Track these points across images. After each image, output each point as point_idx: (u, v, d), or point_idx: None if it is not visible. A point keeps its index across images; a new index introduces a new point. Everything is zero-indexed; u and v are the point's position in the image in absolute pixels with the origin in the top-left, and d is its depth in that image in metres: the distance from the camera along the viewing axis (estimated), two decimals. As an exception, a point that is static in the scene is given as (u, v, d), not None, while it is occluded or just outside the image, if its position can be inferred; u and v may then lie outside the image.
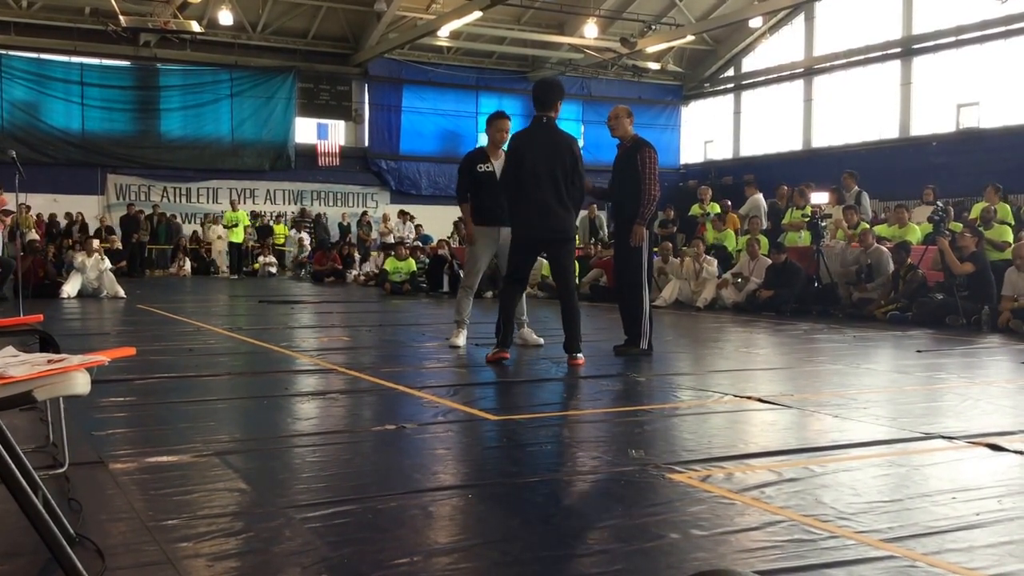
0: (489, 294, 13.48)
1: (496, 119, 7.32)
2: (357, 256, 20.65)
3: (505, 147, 6.95)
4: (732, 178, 24.54)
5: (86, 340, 7.62)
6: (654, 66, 26.77)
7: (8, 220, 11.17)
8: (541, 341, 7.27)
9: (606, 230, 16.54)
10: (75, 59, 23.08)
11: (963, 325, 9.34)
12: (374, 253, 20.03)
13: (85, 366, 2.30)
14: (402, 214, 23.19)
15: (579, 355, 6.25)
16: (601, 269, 13.97)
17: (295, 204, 25.43)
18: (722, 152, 28.99)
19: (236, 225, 21.81)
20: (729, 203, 16.14)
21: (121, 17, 20.63)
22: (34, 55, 22.80)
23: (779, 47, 26.83)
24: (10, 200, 11.40)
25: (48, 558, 2.06)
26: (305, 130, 25.54)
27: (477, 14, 20.64)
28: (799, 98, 26.21)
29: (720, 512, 2.83)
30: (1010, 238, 10.99)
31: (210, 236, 23.15)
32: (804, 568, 2.37)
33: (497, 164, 7.16)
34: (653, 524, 2.71)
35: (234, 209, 22.53)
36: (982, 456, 3.64)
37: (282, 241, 23.65)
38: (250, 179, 25.07)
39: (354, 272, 19.36)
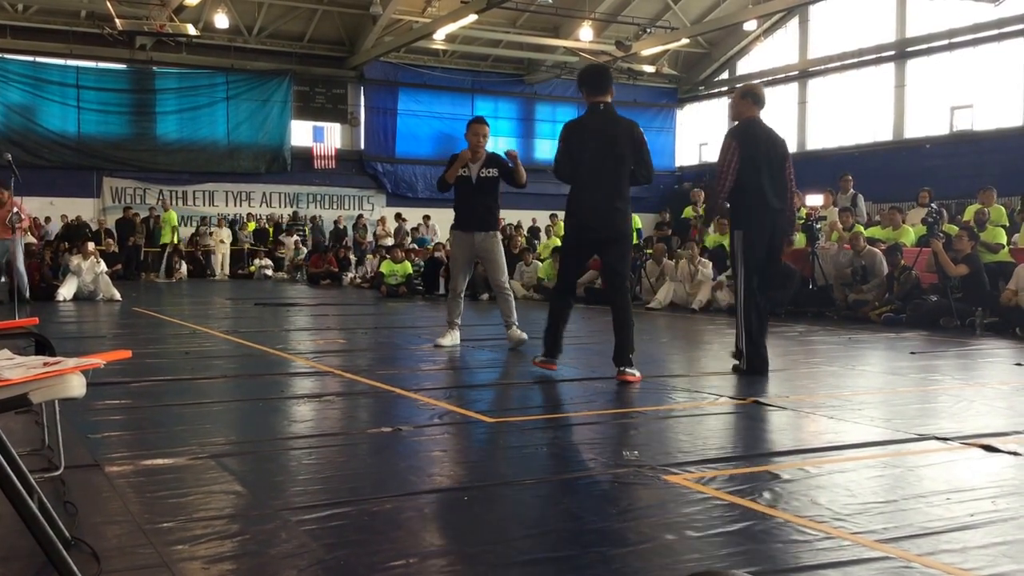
0: (485, 297, 13.48)
1: (473, 123, 7.21)
2: (353, 259, 20.64)
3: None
4: (727, 180, 24.54)
5: (82, 343, 7.61)
6: (649, 69, 26.79)
7: (24, 225, 11.01)
8: (525, 337, 7.14)
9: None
10: (71, 62, 23.04)
11: (957, 327, 9.36)
12: (370, 256, 20.01)
13: (81, 369, 2.30)
14: (398, 218, 23.23)
15: (629, 370, 5.47)
16: (598, 271, 13.97)
17: (291, 207, 25.41)
18: (717, 154, 28.99)
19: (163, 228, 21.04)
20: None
21: (117, 20, 20.62)
22: (30, 58, 22.78)
23: (773, 50, 26.88)
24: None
25: (44, 562, 2.06)
26: (301, 133, 25.53)
27: (472, 17, 20.65)
28: (793, 101, 26.25)
29: (715, 513, 2.84)
30: (1004, 240, 11.04)
31: (207, 240, 23.06)
32: (799, 569, 2.38)
33: (474, 168, 7.12)
34: (648, 525, 2.72)
35: (165, 209, 21.83)
36: (976, 457, 3.65)
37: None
38: (246, 182, 25.06)
39: (350, 275, 19.35)
